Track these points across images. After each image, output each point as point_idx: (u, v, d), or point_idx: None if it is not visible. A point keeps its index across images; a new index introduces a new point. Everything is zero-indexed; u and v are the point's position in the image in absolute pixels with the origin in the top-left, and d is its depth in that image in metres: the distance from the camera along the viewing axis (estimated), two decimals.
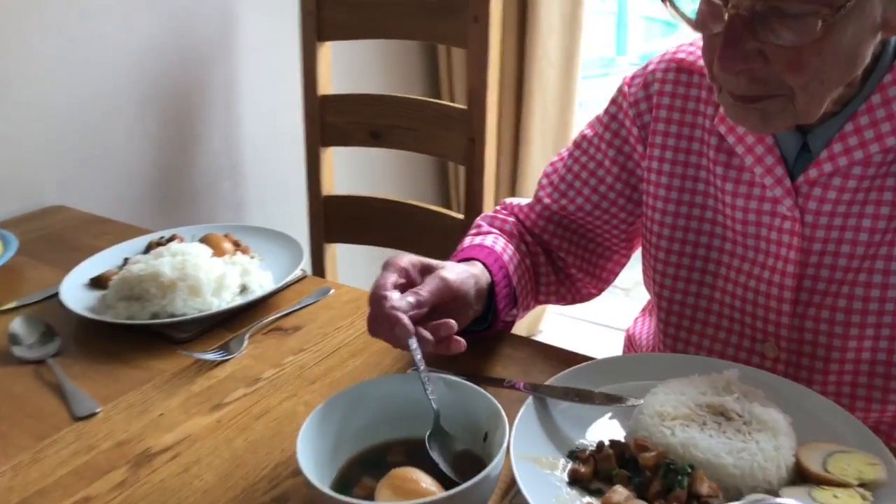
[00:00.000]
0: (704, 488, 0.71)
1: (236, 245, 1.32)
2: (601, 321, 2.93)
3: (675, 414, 0.78)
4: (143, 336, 1.11)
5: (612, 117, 1.11)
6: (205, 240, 1.28)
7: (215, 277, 1.16)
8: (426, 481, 0.73)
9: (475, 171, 1.75)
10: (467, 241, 1.12)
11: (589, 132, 1.14)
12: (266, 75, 2.09)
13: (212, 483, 0.83)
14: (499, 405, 0.78)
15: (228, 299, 1.17)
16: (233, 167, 2.08)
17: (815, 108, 0.83)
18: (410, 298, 0.86)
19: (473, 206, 1.78)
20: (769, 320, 0.99)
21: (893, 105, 0.86)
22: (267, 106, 2.11)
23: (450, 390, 0.83)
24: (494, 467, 0.70)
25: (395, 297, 0.86)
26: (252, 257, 1.27)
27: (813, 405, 0.83)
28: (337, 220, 1.95)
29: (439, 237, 1.83)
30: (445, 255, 1.87)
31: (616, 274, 1.24)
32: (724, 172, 1.00)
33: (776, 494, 0.72)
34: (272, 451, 0.88)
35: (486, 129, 1.70)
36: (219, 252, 1.25)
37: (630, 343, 1.31)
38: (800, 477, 0.75)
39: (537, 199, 1.18)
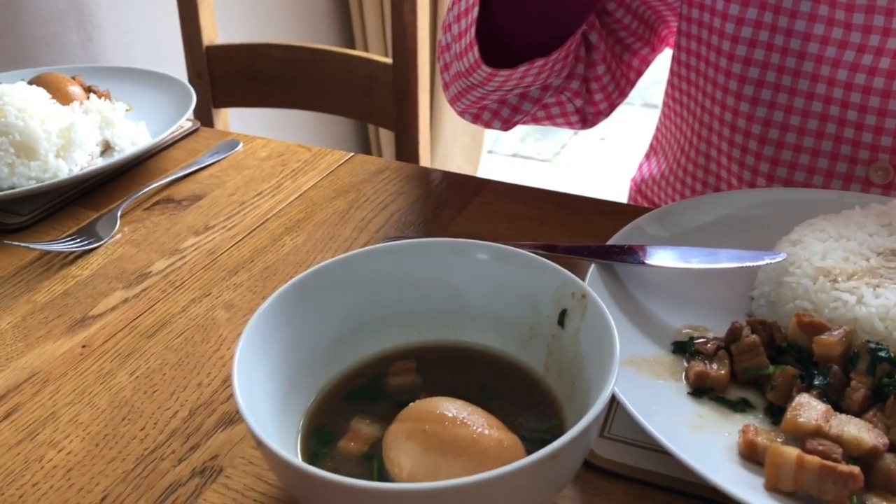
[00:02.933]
0: None
1: (89, 90, 0.90)
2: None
3: (851, 269, 0.49)
4: None
5: None
6: (38, 82, 0.86)
7: (58, 130, 0.76)
8: (476, 420, 0.41)
9: None
10: None
11: None
12: None
13: (80, 455, 0.48)
14: (570, 273, 0.46)
15: (84, 162, 0.77)
16: (80, 13, 1.59)
17: None
18: None
19: (404, 44, 1.40)
20: (884, 130, 0.71)
21: None
22: None
23: (470, 264, 0.50)
24: (605, 395, 0.38)
25: None
26: (114, 105, 0.86)
27: None
28: (225, 77, 1.54)
29: (361, 91, 1.46)
30: (375, 117, 1.50)
31: (634, 82, 0.91)
32: None
33: None
34: (182, 387, 0.53)
35: None
36: (62, 98, 0.84)
37: (640, 193, 1.01)
38: None
39: None
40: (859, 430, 0.40)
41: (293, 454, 0.43)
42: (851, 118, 0.71)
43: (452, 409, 0.42)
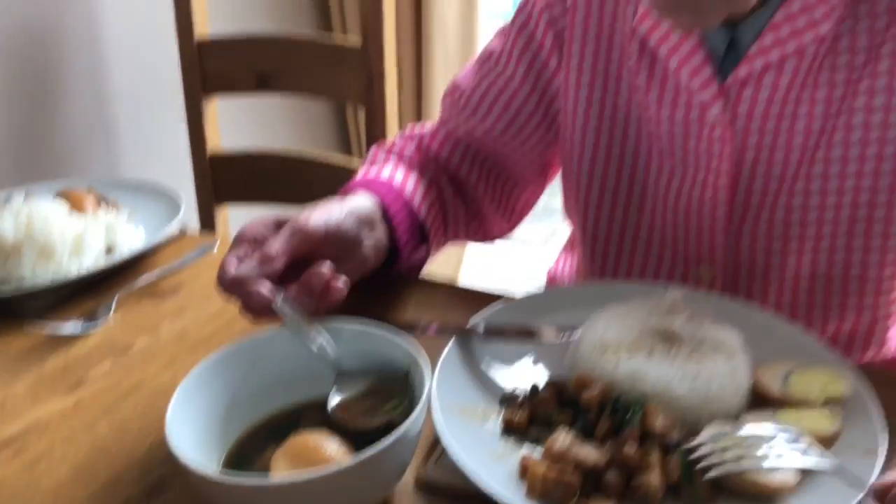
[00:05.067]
0: (659, 423, 0.60)
1: (101, 201, 1.13)
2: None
3: (619, 343, 0.68)
4: None
5: (521, 28, 0.98)
6: (61, 196, 1.09)
7: (72, 237, 0.98)
8: (331, 447, 0.60)
9: (376, 113, 1.60)
10: (358, 175, 0.98)
11: (496, 45, 1.01)
12: (135, 21, 1.86)
13: (66, 478, 0.67)
14: (415, 348, 0.66)
15: (91, 262, 0.99)
16: (105, 125, 1.86)
17: None
18: (253, 262, 0.74)
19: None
20: (703, 241, 0.91)
21: None
22: (139, 55, 1.88)
23: (349, 340, 0.69)
24: (413, 424, 0.58)
25: (237, 266, 0.73)
26: (118, 213, 1.09)
27: (765, 322, 0.74)
28: (226, 179, 1.77)
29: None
30: None
31: (531, 206, 1.13)
32: (647, 81, 0.89)
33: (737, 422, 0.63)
34: (144, 432, 0.73)
35: (384, 65, 1.55)
36: (78, 208, 1.07)
37: (552, 284, 1.21)
38: (760, 400, 0.66)
39: (441, 122, 1.05)
40: (587, 454, 0.58)
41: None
42: (680, 233, 0.91)
43: (317, 439, 0.61)
